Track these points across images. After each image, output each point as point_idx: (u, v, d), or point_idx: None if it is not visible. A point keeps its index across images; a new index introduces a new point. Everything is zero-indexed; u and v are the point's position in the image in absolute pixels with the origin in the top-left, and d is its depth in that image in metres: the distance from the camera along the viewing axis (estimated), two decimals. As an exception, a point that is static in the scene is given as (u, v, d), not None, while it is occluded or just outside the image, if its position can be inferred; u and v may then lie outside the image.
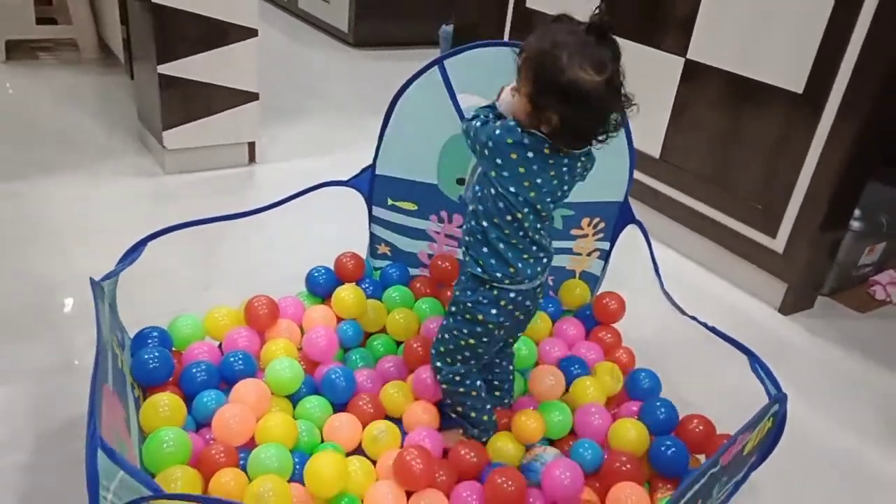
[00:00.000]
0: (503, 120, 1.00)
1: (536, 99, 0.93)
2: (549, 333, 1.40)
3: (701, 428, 1.18)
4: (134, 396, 1.10)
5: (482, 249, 1.03)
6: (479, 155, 1.01)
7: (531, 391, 1.24)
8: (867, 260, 1.88)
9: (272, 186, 2.09)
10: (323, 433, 1.15)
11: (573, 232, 1.44)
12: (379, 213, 1.45)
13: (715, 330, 1.17)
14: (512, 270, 1.03)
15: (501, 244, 1.02)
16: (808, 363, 1.62)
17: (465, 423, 1.17)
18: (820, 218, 1.65)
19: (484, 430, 1.16)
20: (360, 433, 1.15)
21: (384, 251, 1.50)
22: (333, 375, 1.21)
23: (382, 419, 1.18)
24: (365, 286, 1.42)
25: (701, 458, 1.18)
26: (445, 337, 1.11)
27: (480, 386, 1.14)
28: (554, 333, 1.40)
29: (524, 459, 1.13)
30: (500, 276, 1.03)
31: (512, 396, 1.25)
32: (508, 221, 1.00)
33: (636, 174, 1.39)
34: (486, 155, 0.99)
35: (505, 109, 1.02)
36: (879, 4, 1.46)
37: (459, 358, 1.11)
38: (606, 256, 1.47)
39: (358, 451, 1.14)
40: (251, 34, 2.05)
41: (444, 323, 1.12)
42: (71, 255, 1.66)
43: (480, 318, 1.06)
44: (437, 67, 1.28)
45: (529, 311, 1.09)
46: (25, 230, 1.74)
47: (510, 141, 0.96)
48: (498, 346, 1.13)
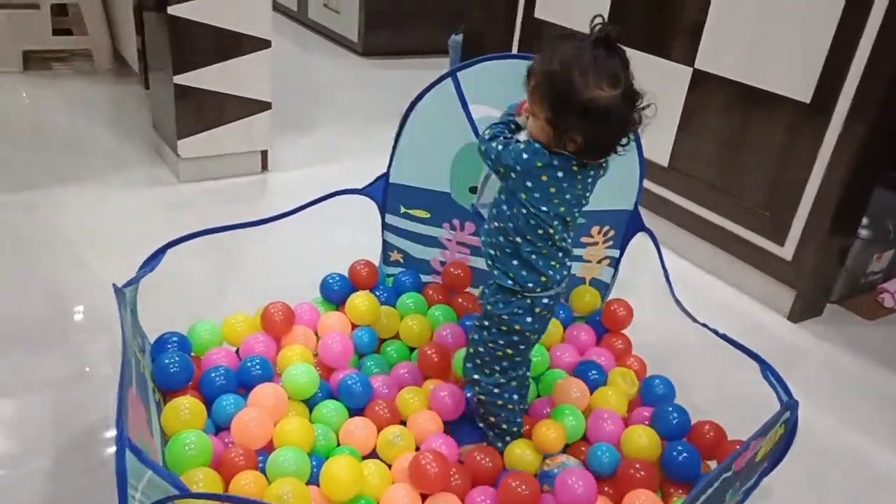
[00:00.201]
0: (527, 141, 1.00)
1: (557, 122, 0.94)
2: (560, 339, 1.42)
3: (712, 434, 1.19)
4: (155, 400, 1.13)
5: (512, 262, 1.04)
6: (504, 177, 1.02)
7: (556, 402, 1.25)
8: (876, 267, 1.89)
9: (285, 194, 2.11)
10: (339, 437, 1.17)
11: (583, 240, 1.46)
12: (392, 220, 1.47)
13: (726, 337, 1.19)
14: (544, 279, 1.04)
15: (533, 255, 1.03)
16: (817, 370, 1.63)
17: (490, 432, 1.17)
18: (828, 225, 1.67)
19: (510, 440, 1.17)
20: (375, 437, 1.17)
21: (397, 258, 1.52)
22: (350, 381, 1.23)
23: (398, 424, 1.20)
24: (378, 293, 1.44)
25: (712, 464, 1.19)
26: (480, 350, 1.12)
27: (517, 399, 1.15)
28: (565, 339, 1.42)
29: (545, 467, 1.14)
30: (531, 285, 1.04)
31: (527, 402, 1.26)
32: (540, 235, 1.02)
33: (645, 183, 1.41)
34: (513, 178, 1.00)
35: (524, 125, 1.03)
36: (886, 14, 1.48)
37: (497, 369, 1.11)
38: (616, 264, 1.49)
39: (373, 454, 1.16)
40: (265, 45, 2.08)
41: (475, 338, 1.13)
42: (87, 263, 1.68)
43: (517, 328, 1.07)
44: (450, 78, 1.30)
45: (554, 313, 1.12)
46: (41, 239, 1.77)
47: (540, 164, 0.97)
48: (531, 351, 1.14)
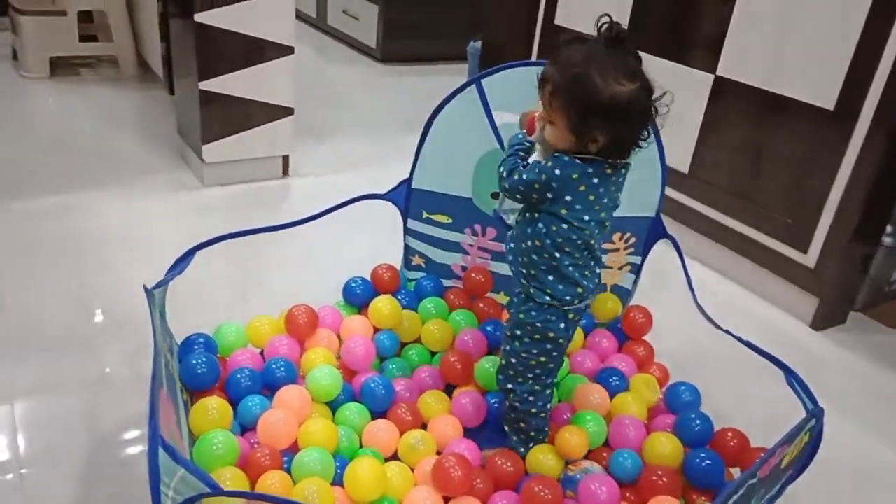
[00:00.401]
0: (551, 157, 1.00)
1: (579, 126, 0.95)
2: (581, 345, 1.42)
3: (735, 441, 1.19)
4: (183, 400, 1.15)
5: (548, 278, 1.04)
6: (540, 201, 1.01)
7: (577, 408, 1.25)
8: (900, 276, 1.87)
9: (306, 199, 2.14)
10: (362, 439, 1.19)
11: (605, 246, 1.46)
12: (414, 225, 1.49)
13: (750, 344, 1.18)
14: (580, 290, 1.05)
15: (570, 268, 1.03)
16: (840, 378, 1.62)
17: (516, 437, 1.18)
18: (851, 233, 1.66)
19: (533, 446, 1.17)
20: (397, 440, 1.18)
21: (418, 263, 1.53)
22: (373, 384, 1.24)
23: (420, 427, 1.21)
24: (400, 297, 1.45)
25: (735, 471, 1.19)
26: (513, 361, 1.12)
27: (549, 409, 1.16)
28: (587, 346, 1.43)
29: (568, 472, 1.14)
30: (569, 297, 1.05)
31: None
32: (580, 246, 1.02)
33: (666, 190, 1.41)
34: (550, 198, 0.99)
35: (541, 140, 1.03)
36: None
37: (531, 377, 1.12)
38: (638, 270, 1.49)
39: (395, 456, 1.17)
40: (288, 52, 2.11)
41: (506, 349, 1.13)
42: (113, 266, 1.71)
43: (552, 335, 1.07)
44: (474, 85, 1.31)
45: (583, 317, 1.13)
46: (69, 243, 1.80)
47: (575, 176, 0.98)
48: (564, 356, 1.15)
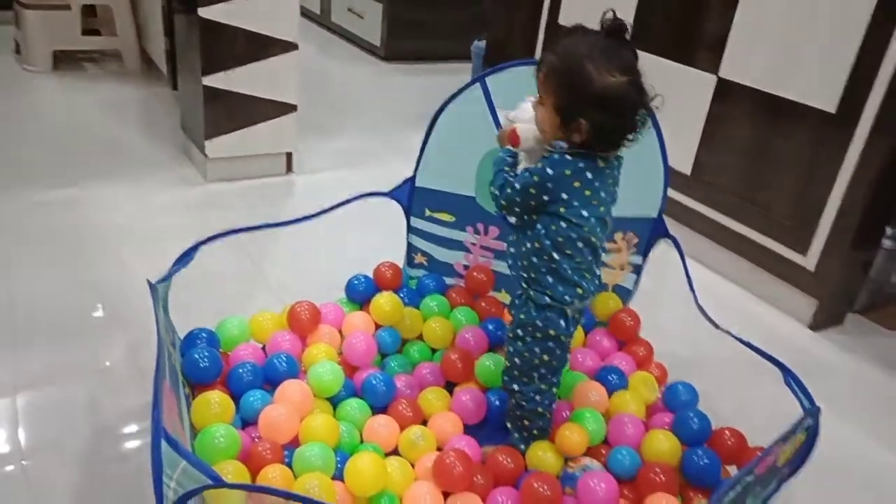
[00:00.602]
0: (543, 159, 1.01)
1: (567, 110, 0.97)
2: (582, 344, 1.43)
3: (733, 440, 1.19)
4: (185, 394, 1.15)
5: (548, 279, 1.05)
6: (537, 207, 1.02)
7: (575, 406, 1.26)
8: (899, 279, 1.88)
9: (309, 196, 2.15)
10: (363, 435, 1.19)
11: (608, 246, 1.46)
12: (417, 223, 1.49)
13: (749, 344, 1.19)
14: (580, 291, 1.05)
15: (570, 270, 1.03)
16: (839, 379, 1.63)
17: (517, 434, 1.18)
18: (852, 235, 1.66)
19: (530, 445, 1.18)
20: (398, 435, 1.19)
21: (421, 261, 1.54)
22: (374, 381, 1.25)
23: (420, 424, 1.22)
24: (402, 295, 1.46)
25: (732, 469, 1.19)
26: (517, 362, 1.12)
27: (553, 409, 1.17)
28: (587, 344, 1.43)
29: (568, 468, 1.15)
30: (569, 298, 1.05)
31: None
32: (580, 248, 1.02)
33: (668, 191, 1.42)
34: (546, 200, 1.00)
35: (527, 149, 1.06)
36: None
37: (536, 376, 1.12)
38: (639, 270, 1.50)
39: (396, 452, 1.18)
40: (292, 48, 2.12)
41: (510, 350, 1.14)
42: (117, 261, 1.72)
43: (553, 333, 1.08)
44: (478, 83, 1.32)
45: (584, 315, 1.14)
46: (73, 237, 1.81)
47: (569, 172, 0.99)
48: (568, 353, 1.15)
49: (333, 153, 2.53)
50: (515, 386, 1.14)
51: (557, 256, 1.03)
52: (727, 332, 1.23)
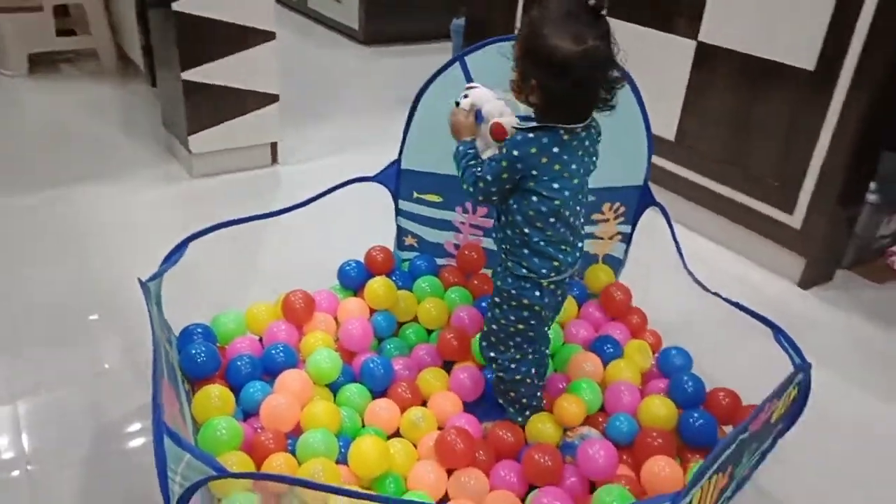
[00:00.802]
0: (507, 142, 1.04)
1: (522, 65, 1.01)
2: (575, 316, 1.45)
3: (728, 400, 1.22)
4: (185, 390, 1.16)
5: (523, 251, 1.07)
6: (513, 190, 1.04)
7: (571, 378, 1.28)
8: (885, 231, 1.90)
9: (296, 185, 2.14)
10: (364, 419, 1.21)
11: (594, 217, 1.47)
12: (405, 206, 1.50)
13: (738, 304, 1.21)
14: (556, 264, 1.07)
15: (542, 243, 1.05)
16: (829, 334, 1.65)
17: (511, 408, 1.20)
18: (836, 192, 1.68)
19: (527, 417, 1.20)
20: (399, 418, 1.20)
21: (411, 243, 1.55)
22: (372, 364, 1.27)
23: (419, 405, 1.23)
24: (395, 278, 1.47)
25: (728, 429, 1.22)
26: (494, 328, 1.15)
27: (534, 373, 1.18)
28: (581, 316, 1.45)
29: (566, 438, 1.17)
30: (545, 271, 1.07)
31: (545, 379, 1.28)
32: (551, 222, 1.04)
33: (653, 158, 1.42)
34: (519, 178, 1.02)
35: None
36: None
37: (512, 344, 1.14)
38: (628, 239, 1.51)
39: (397, 434, 1.20)
40: (269, 37, 2.10)
41: (489, 316, 1.16)
42: (106, 261, 1.72)
43: (527, 302, 1.09)
44: (458, 63, 1.32)
45: (566, 291, 1.14)
46: (60, 238, 1.81)
47: (534, 150, 1.01)
48: (545, 327, 1.17)
49: (318, 141, 2.52)
50: (492, 353, 1.16)
51: (528, 230, 1.05)
52: (717, 294, 1.25)
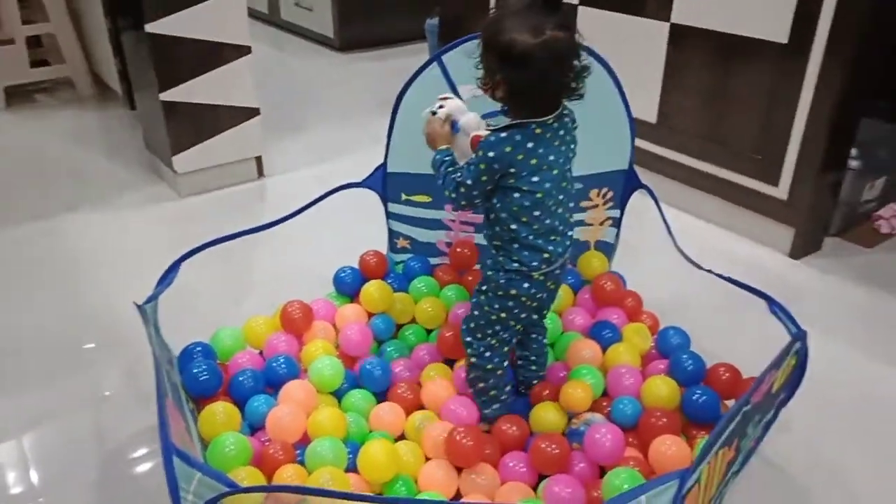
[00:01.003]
0: (480, 145, 1.04)
1: (486, 62, 1.02)
2: (571, 304, 1.45)
3: (728, 375, 1.23)
4: (189, 409, 1.16)
5: (514, 246, 1.07)
6: (494, 190, 1.05)
7: (571, 366, 1.28)
8: (869, 195, 1.92)
9: (284, 197, 2.14)
10: (369, 423, 1.21)
11: (583, 204, 1.49)
12: (395, 208, 1.50)
13: (732, 279, 1.22)
14: (546, 255, 1.07)
15: (531, 237, 1.06)
16: (823, 301, 1.67)
17: (479, 399, 1.19)
18: (819, 161, 1.69)
19: (496, 410, 1.19)
20: (403, 419, 1.21)
21: (404, 245, 1.55)
22: (369, 366, 1.27)
23: (422, 404, 1.24)
24: (390, 280, 1.47)
25: (730, 403, 1.23)
26: (476, 314, 1.15)
27: (507, 367, 1.18)
28: (577, 303, 1.46)
29: (571, 425, 1.18)
30: (536, 264, 1.08)
31: (545, 368, 1.29)
32: (537, 216, 1.05)
33: (636, 141, 1.43)
34: (498, 177, 1.04)
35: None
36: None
37: (490, 332, 1.15)
38: (618, 223, 1.52)
39: (404, 436, 1.20)
40: (245, 52, 2.10)
41: (473, 301, 1.17)
42: (101, 287, 1.72)
43: (514, 292, 1.10)
44: (436, 63, 1.32)
45: (559, 280, 1.14)
46: (54, 267, 1.80)
47: (509, 149, 1.02)
48: (531, 318, 1.17)
49: (303, 151, 2.52)
50: (469, 338, 1.17)
51: (514, 226, 1.06)
52: (709, 271, 1.26)
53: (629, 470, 1.04)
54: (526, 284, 1.09)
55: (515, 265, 1.08)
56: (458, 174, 1.08)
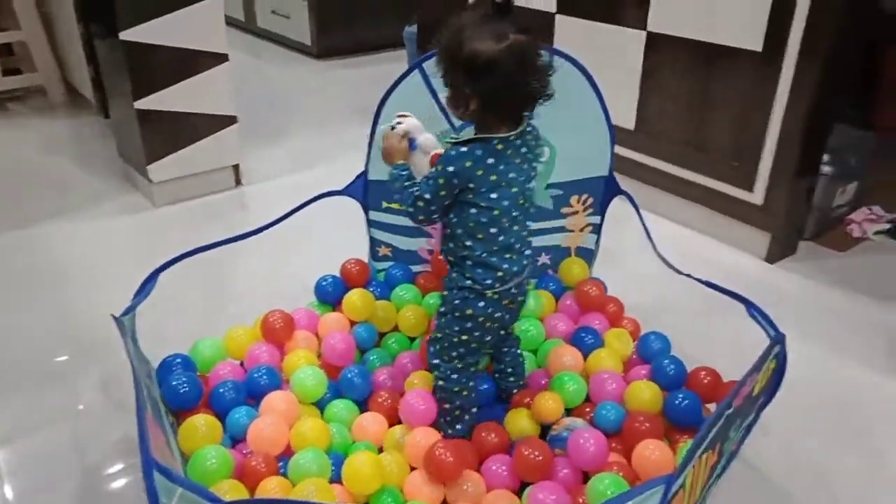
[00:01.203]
0: (440, 160, 1.03)
1: (451, 80, 1.00)
2: (553, 311, 1.46)
3: (709, 379, 1.24)
4: (169, 422, 1.14)
5: (466, 263, 1.07)
6: (453, 203, 1.04)
7: (552, 373, 1.28)
8: (841, 200, 1.96)
9: (262, 206, 2.12)
10: (352, 433, 1.20)
11: (563, 210, 1.49)
12: (376, 216, 1.50)
13: (710, 283, 1.24)
14: (500, 274, 1.06)
15: (485, 254, 1.05)
16: (799, 305, 1.70)
17: (443, 419, 1.17)
18: (793, 167, 1.73)
19: (458, 431, 1.17)
20: (386, 429, 1.20)
21: (385, 253, 1.55)
22: (350, 375, 1.26)
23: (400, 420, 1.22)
24: (372, 288, 1.47)
25: (712, 407, 1.24)
26: (438, 336, 1.15)
27: (473, 387, 1.17)
28: (559, 310, 1.46)
29: (553, 431, 1.18)
30: (489, 282, 1.06)
31: (524, 377, 1.29)
32: (493, 233, 1.04)
33: (615, 148, 1.45)
34: (459, 192, 1.03)
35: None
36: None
37: (455, 355, 1.13)
38: (598, 230, 1.53)
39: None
40: (222, 59, 2.08)
41: (437, 323, 1.16)
42: (76, 299, 1.68)
43: (469, 312, 1.08)
44: (417, 70, 1.32)
45: (517, 299, 1.12)
46: (26, 279, 1.77)
47: (469, 164, 1.00)
48: (494, 338, 1.15)
49: (281, 159, 2.51)
50: (436, 360, 1.16)
51: (469, 242, 1.05)
52: (688, 275, 1.28)
53: (613, 475, 1.05)
54: (481, 304, 1.08)
55: (468, 283, 1.07)
56: (416, 188, 1.06)
